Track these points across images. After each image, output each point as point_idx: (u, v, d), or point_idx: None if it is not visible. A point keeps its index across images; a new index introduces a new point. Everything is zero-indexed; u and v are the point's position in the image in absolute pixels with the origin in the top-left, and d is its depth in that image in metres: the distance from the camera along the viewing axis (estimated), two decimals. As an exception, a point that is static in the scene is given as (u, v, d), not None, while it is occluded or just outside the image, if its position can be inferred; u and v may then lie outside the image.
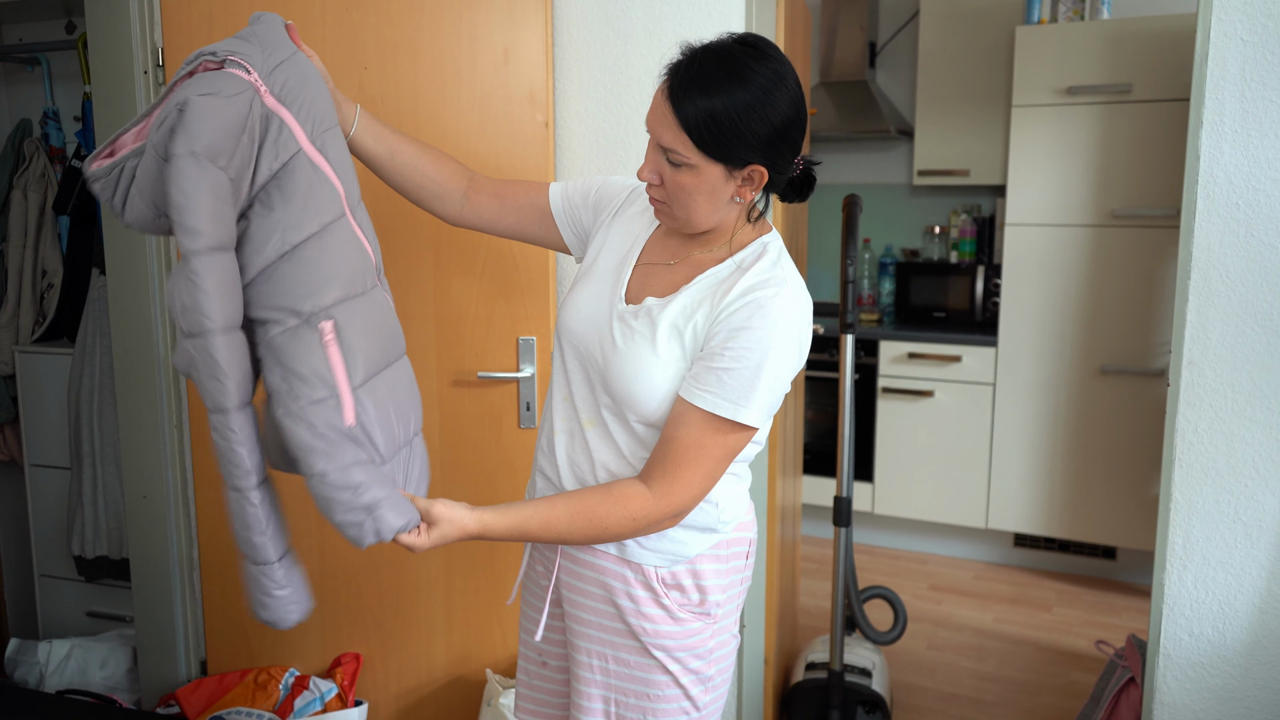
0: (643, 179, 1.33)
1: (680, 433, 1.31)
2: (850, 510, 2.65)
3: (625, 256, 1.46)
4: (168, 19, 2.30)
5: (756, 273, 1.32)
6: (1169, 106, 3.47)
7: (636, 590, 1.42)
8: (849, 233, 2.63)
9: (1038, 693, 3.03)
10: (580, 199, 1.57)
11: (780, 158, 1.29)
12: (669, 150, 1.27)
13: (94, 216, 2.79)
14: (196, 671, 2.58)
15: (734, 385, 1.27)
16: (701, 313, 1.32)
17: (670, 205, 1.33)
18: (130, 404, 2.47)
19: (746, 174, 1.29)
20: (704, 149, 1.25)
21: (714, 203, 1.31)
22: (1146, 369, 3.60)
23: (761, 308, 1.28)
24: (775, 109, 1.24)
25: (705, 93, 1.22)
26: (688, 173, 1.27)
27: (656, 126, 1.28)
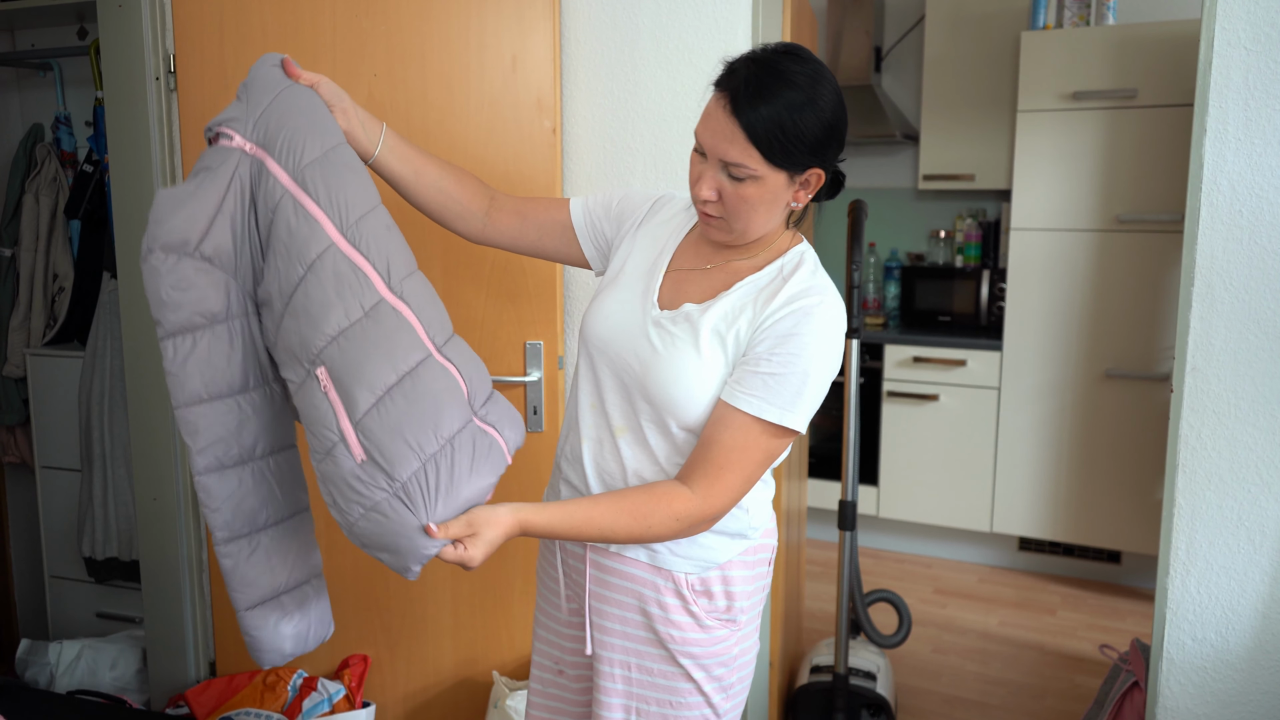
0: (702, 197, 1.31)
1: (724, 435, 1.31)
2: (855, 514, 2.66)
3: (655, 263, 1.46)
4: (179, 26, 2.32)
5: (799, 280, 1.34)
6: (1174, 112, 3.48)
7: (666, 598, 1.43)
8: (854, 237, 2.64)
9: (1042, 696, 3.04)
10: (602, 211, 1.57)
11: (832, 157, 1.33)
12: (734, 165, 1.27)
13: (104, 220, 2.81)
14: (205, 673, 2.60)
15: (781, 390, 1.30)
16: (745, 318, 1.34)
17: (729, 220, 1.33)
18: (141, 407, 2.49)
19: (805, 178, 1.31)
20: (771, 159, 1.26)
21: (772, 211, 1.33)
22: (1151, 374, 3.61)
23: (808, 315, 1.31)
24: (825, 107, 1.27)
25: (767, 102, 1.24)
26: (752, 185, 1.28)
27: (719, 143, 1.27)
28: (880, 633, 2.79)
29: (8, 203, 2.90)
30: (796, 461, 2.85)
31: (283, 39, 2.29)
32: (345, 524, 1.27)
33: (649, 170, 2.26)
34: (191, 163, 2.37)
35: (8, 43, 2.93)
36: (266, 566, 1.41)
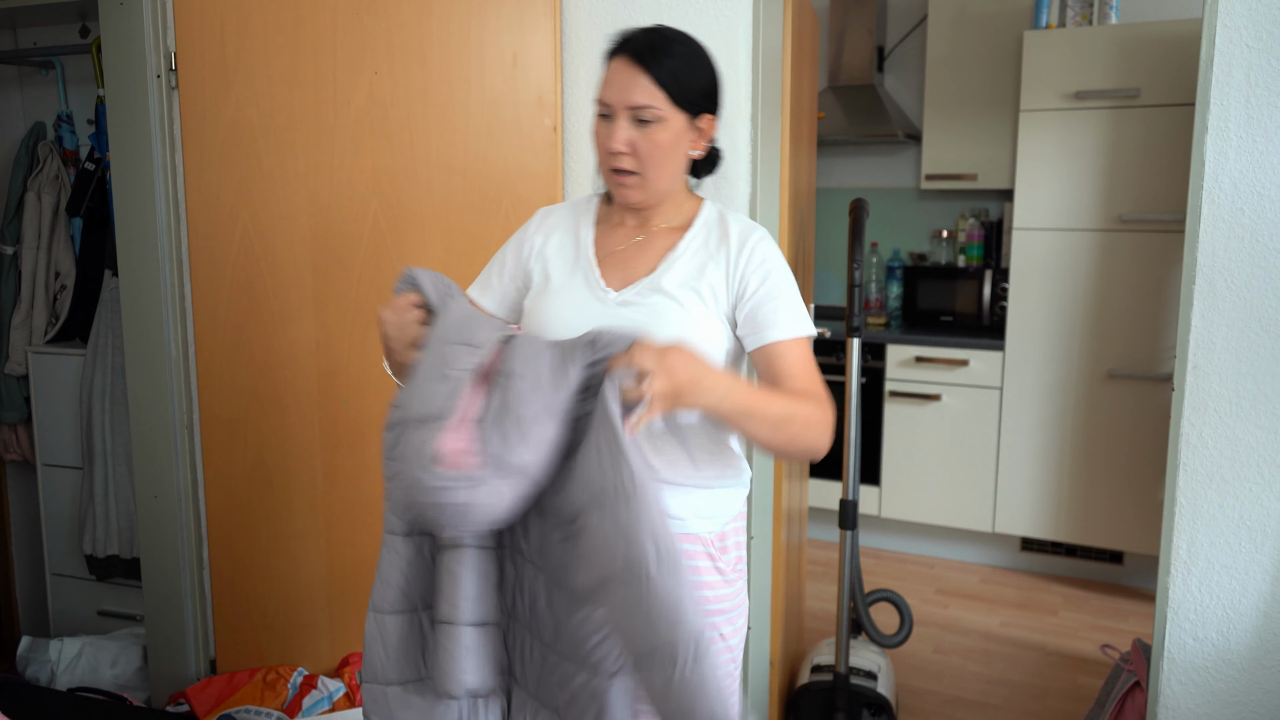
0: (613, 149, 1.39)
1: (787, 367, 1.40)
2: (856, 513, 2.66)
3: (579, 257, 1.50)
4: (180, 24, 2.32)
5: (735, 224, 1.48)
6: (1177, 111, 3.47)
7: (698, 560, 1.47)
8: (856, 237, 2.64)
9: (1044, 696, 3.03)
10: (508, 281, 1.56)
11: (717, 108, 1.46)
12: (642, 109, 1.37)
13: (106, 218, 2.82)
14: (206, 670, 2.60)
15: (794, 309, 1.43)
16: (713, 270, 1.44)
17: (644, 171, 1.41)
18: (142, 405, 2.49)
19: (701, 124, 1.44)
20: (674, 98, 1.38)
21: (677, 159, 1.43)
22: (1154, 374, 3.60)
23: (764, 241, 1.46)
24: (710, 60, 1.44)
25: (665, 53, 1.38)
26: (659, 128, 1.38)
27: (626, 92, 1.38)
28: (881, 632, 2.78)
29: (10, 201, 2.90)
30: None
31: (283, 37, 2.29)
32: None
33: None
34: (193, 160, 2.37)
35: (10, 41, 2.94)
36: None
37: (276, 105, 2.31)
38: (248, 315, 2.40)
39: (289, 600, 2.51)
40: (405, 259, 2.32)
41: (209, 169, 2.36)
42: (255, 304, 2.39)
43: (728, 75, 2.15)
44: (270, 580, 2.51)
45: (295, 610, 2.51)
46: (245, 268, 2.38)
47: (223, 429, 2.46)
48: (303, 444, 2.44)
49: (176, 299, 2.45)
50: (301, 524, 2.47)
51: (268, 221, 2.36)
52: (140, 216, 2.41)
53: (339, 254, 2.35)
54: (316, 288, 2.37)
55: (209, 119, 2.34)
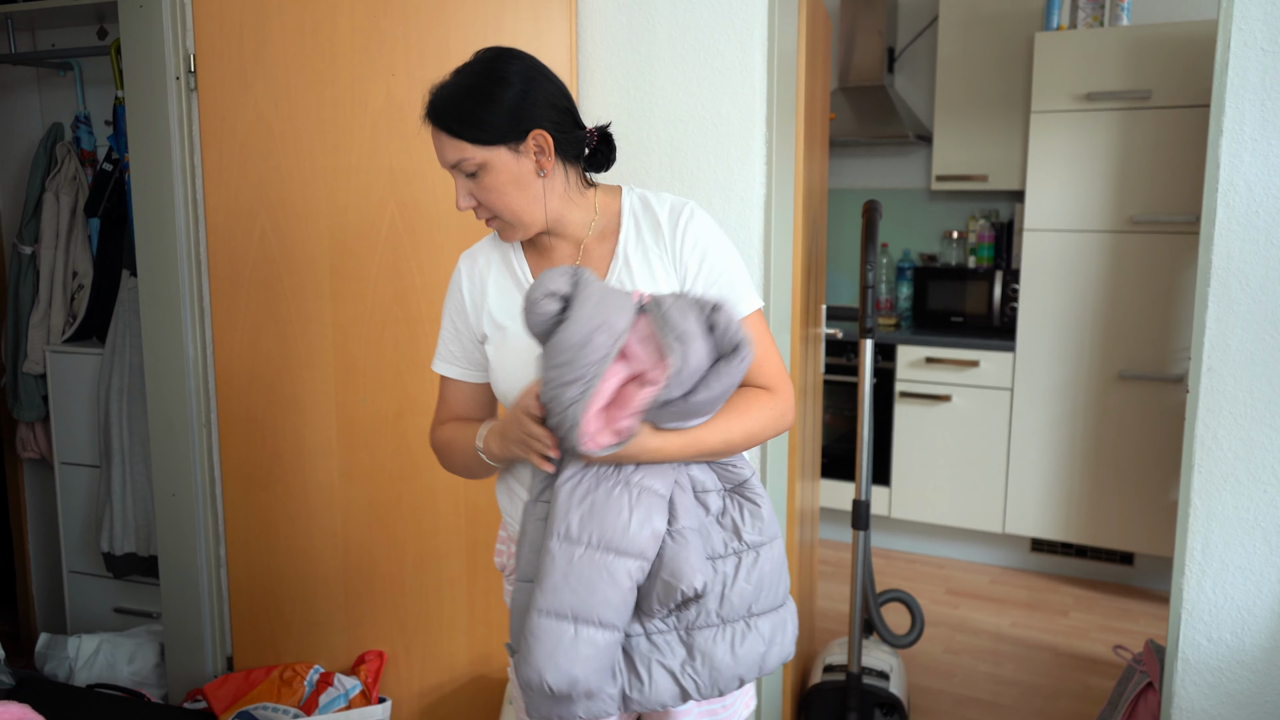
0: (462, 208, 1.40)
1: None
2: (869, 514, 2.67)
3: (521, 292, 1.47)
4: (199, 25, 2.34)
5: (660, 206, 1.46)
6: (1189, 113, 3.47)
7: None
8: (869, 238, 2.65)
9: (1055, 697, 3.04)
10: (467, 341, 1.53)
11: (548, 116, 1.37)
12: (458, 164, 1.36)
13: (124, 219, 2.84)
14: (223, 667, 2.62)
15: (738, 281, 1.44)
16: (657, 261, 1.43)
17: (500, 216, 1.40)
18: (160, 403, 2.51)
19: (533, 144, 1.36)
20: (476, 140, 1.34)
21: (526, 188, 1.38)
22: (1165, 375, 3.60)
23: (694, 218, 1.44)
24: (511, 73, 1.35)
25: (451, 98, 1.35)
26: (485, 174, 1.36)
27: (441, 155, 1.37)
28: (893, 632, 2.79)
29: (29, 201, 2.93)
30: (809, 462, 2.86)
31: (302, 39, 2.31)
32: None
33: (664, 169, 2.27)
34: (212, 161, 2.39)
35: (28, 42, 2.96)
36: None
37: (295, 107, 2.33)
38: (265, 315, 2.42)
39: (305, 598, 2.53)
40: (422, 259, 2.34)
41: (228, 170, 2.37)
42: (273, 303, 2.41)
43: (742, 75, 2.17)
44: (287, 578, 2.52)
45: (311, 608, 2.53)
46: (263, 267, 2.40)
47: (240, 427, 2.48)
48: (320, 443, 2.46)
49: (195, 298, 2.47)
50: (318, 522, 2.48)
51: (286, 222, 2.37)
52: (159, 217, 2.43)
53: (356, 254, 2.36)
54: (334, 288, 2.38)
55: (228, 120, 2.36)
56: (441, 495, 2.43)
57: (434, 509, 2.45)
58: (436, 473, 2.42)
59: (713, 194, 2.24)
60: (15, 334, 2.98)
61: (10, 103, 3.06)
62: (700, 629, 1.29)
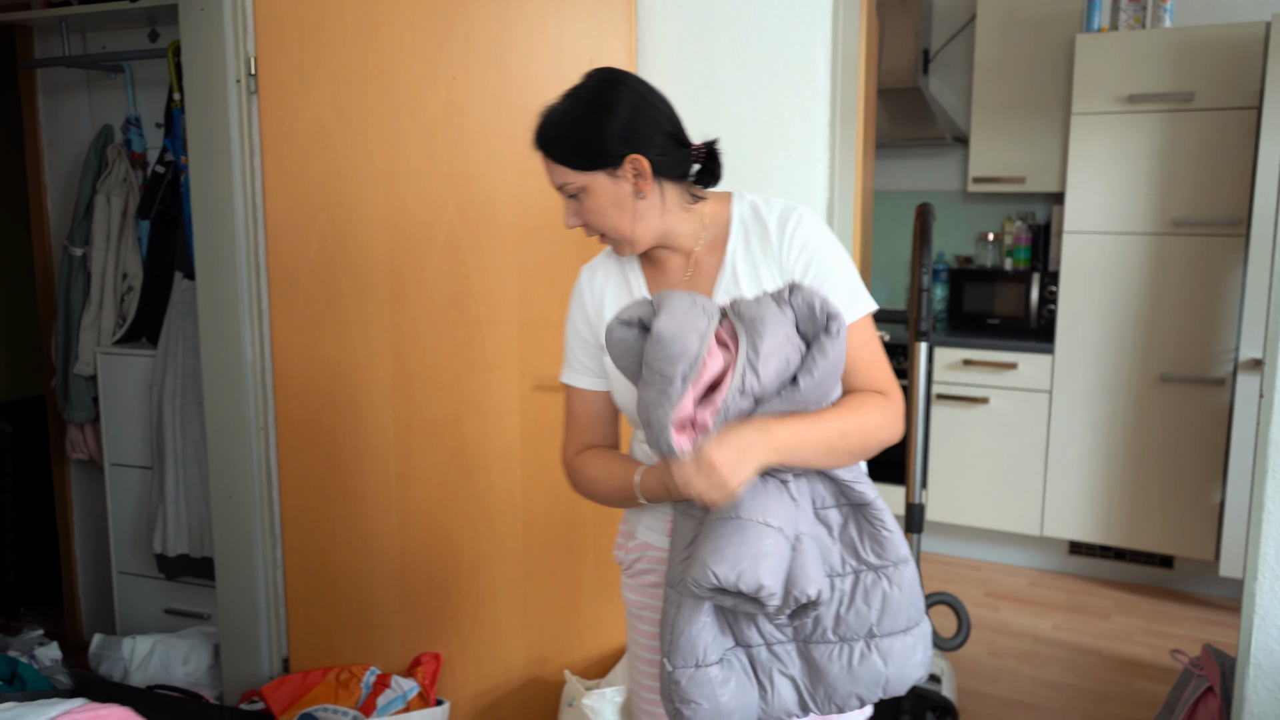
0: (569, 227, 1.46)
1: (851, 347, 1.38)
2: (923, 516, 2.66)
3: None
4: (260, 28, 2.35)
5: (769, 212, 1.46)
6: (1232, 115, 3.46)
7: None
8: (923, 241, 2.65)
9: (1103, 701, 3.03)
10: (594, 351, 1.55)
11: (649, 140, 1.39)
12: (563, 187, 1.42)
13: (175, 221, 2.84)
14: (279, 669, 2.63)
15: (846, 287, 1.42)
16: (765, 270, 1.44)
17: (604, 232, 1.45)
18: (217, 406, 2.52)
19: (630, 169, 1.39)
20: (576, 165, 1.38)
21: (624, 208, 1.41)
22: (1207, 377, 3.59)
23: (802, 223, 1.44)
24: (617, 102, 1.38)
25: (556, 126, 1.40)
26: (586, 196, 1.41)
27: (550, 178, 1.43)
28: (940, 635, 2.78)
29: (79, 203, 2.94)
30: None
31: (362, 41, 2.31)
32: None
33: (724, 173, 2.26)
34: (272, 163, 2.40)
35: (79, 45, 2.97)
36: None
37: (355, 110, 2.33)
38: (324, 317, 2.42)
39: (362, 600, 2.53)
40: (481, 261, 2.34)
41: (288, 172, 2.38)
42: (331, 306, 2.42)
43: (805, 77, 2.17)
44: (343, 580, 2.53)
45: (368, 610, 2.53)
46: (322, 270, 2.40)
47: (298, 430, 2.48)
48: (377, 446, 2.46)
49: (254, 301, 2.48)
50: (375, 525, 2.49)
51: (345, 224, 2.38)
52: (219, 219, 2.44)
53: (415, 257, 2.37)
54: (392, 290, 2.39)
55: (288, 123, 2.36)
56: (497, 499, 2.44)
57: (489, 512, 2.45)
58: (492, 476, 2.42)
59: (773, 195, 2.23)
60: (66, 336, 2.99)
61: (60, 105, 3.07)
62: (816, 644, 1.28)
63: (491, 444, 2.41)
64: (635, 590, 1.59)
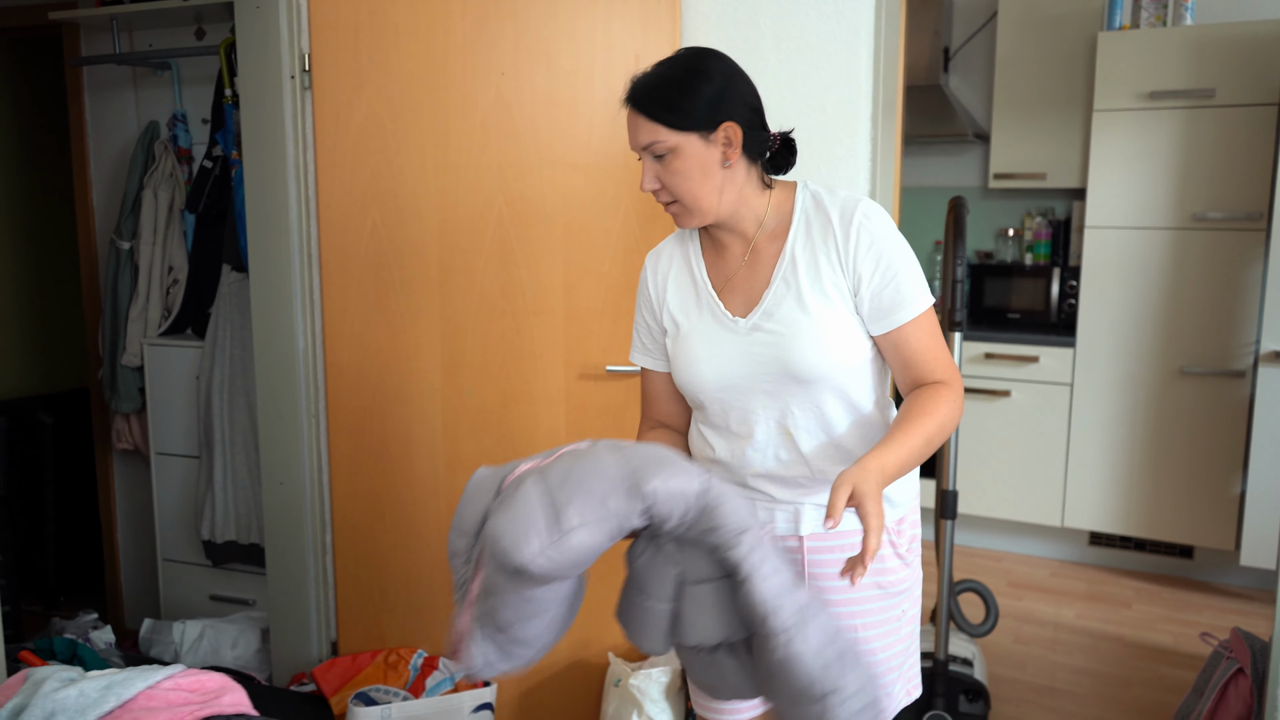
0: (646, 189, 1.46)
1: (915, 343, 1.45)
2: (956, 504, 2.72)
3: (698, 293, 1.55)
4: (315, 25, 2.41)
5: (834, 205, 1.48)
6: (1253, 111, 3.52)
7: (882, 551, 1.54)
8: (957, 234, 2.70)
9: (1128, 686, 3.09)
10: (656, 333, 1.63)
11: (740, 112, 1.43)
12: (650, 145, 1.43)
13: (222, 214, 2.91)
14: (328, 652, 2.69)
15: (912, 284, 1.45)
16: (825, 263, 1.46)
17: (681, 201, 1.46)
18: (270, 394, 2.58)
19: (722, 136, 1.42)
20: (671, 124, 1.40)
21: (709, 176, 1.44)
22: (1227, 370, 3.65)
23: (869, 218, 1.45)
24: (712, 69, 1.43)
25: (653, 85, 1.42)
26: (674, 158, 1.42)
27: (635, 136, 1.44)
28: (969, 621, 2.84)
29: (126, 197, 3.00)
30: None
31: (415, 39, 2.37)
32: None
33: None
34: (326, 158, 2.46)
35: (126, 43, 3.03)
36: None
37: (407, 105, 2.39)
38: (375, 307, 2.48)
39: (410, 584, 2.59)
40: (528, 253, 2.40)
41: (341, 166, 2.44)
42: (383, 296, 2.48)
43: (848, 73, 2.22)
44: (392, 564, 2.59)
45: (416, 593, 2.59)
46: (374, 261, 2.46)
47: (349, 417, 2.54)
48: (426, 433, 2.52)
49: (307, 291, 2.54)
50: (423, 510, 2.55)
51: (396, 217, 2.44)
52: (272, 212, 2.50)
53: (464, 249, 2.43)
54: (442, 281, 2.45)
55: (341, 118, 2.42)
56: (543, 484, 2.49)
57: (535, 497, 2.50)
58: (538, 462, 2.48)
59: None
60: (113, 328, 3.05)
61: (106, 102, 3.13)
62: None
63: (538, 431, 2.47)
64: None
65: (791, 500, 1.54)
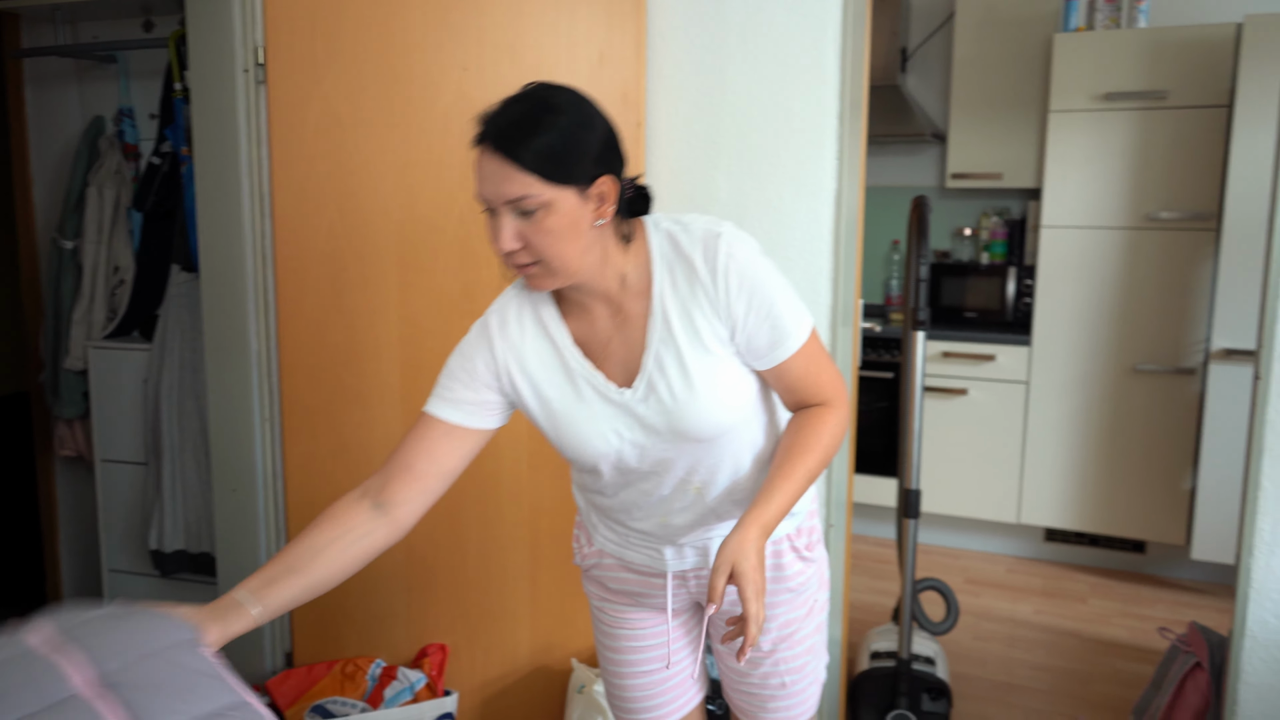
0: (506, 249, 1.28)
1: (797, 370, 1.40)
2: (919, 502, 2.72)
3: (565, 364, 1.41)
4: (270, 17, 2.33)
5: (691, 244, 1.36)
6: (1205, 113, 3.58)
7: (784, 558, 1.55)
8: (920, 233, 2.70)
9: (1088, 681, 3.12)
10: (466, 387, 1.43)
11: (618, 166, 1.32)
12: (519, 200, 1.24)
13: (170, 213, 2.82)
14: (282, 663, 2.62)
15: (788, 313, 1.36)
16: (698, 313, 1.36)
17: (544, 262, 1.29)
18: (222, 398, 2.50)
19: (598, 191, 1.29)
20: (551, 178, 1.24)
21: (580, 236, 1.29)
22: (1178, 367, 3.71)
23: (732, 257, 1.34)
24: (594, 120, 1.29)
25: (529, 130, 1.24)
26: (545, 214, 1.25)
27: (497, 187, 1.25)
28: (930, 620, 2.85)
29: (70, 195, 2.89)
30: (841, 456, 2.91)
31: (374, 32, 2.32)
32: None
33: (733, 165, 2.31)
34: (281, 154, 2.39)
35: (69, 35, 2.93)
36: None
37: (366, 100, 2.33)
38: (332, 308, 2.42)
39: (367, 590, 2.53)
40: (490, 253, 2.35)
41: (297, 163, 2.37)
42: (340, 297, 2.41)
43: (816, 72, 2.21)
44: (350, 572, 2.52)
45: (373, 601, 2.53)
46: (331, 261, 2.40)
47: (305, 421, 2.48)
48: (385, 436, 2.46)
49: (261, 291, 2.46)
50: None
51: (355, 215, 2.38)
52: (225, 210, 2.42)
53: (425, 247, 2.37)
54: (402, 280, 2.39)
55: (297, 113, 2.35)
56: (504, 487, 2.45)
57: (497, 500, 2.46)
58: (500, 464, 2.43)
59: (784, 188, 2.28)
60: (55, 330, 2.95)
61: (49, 96, 3.02)
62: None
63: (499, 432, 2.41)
64: (595, 584, 1.65)
65: (687, 542, 1.53)
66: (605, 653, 1.69)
